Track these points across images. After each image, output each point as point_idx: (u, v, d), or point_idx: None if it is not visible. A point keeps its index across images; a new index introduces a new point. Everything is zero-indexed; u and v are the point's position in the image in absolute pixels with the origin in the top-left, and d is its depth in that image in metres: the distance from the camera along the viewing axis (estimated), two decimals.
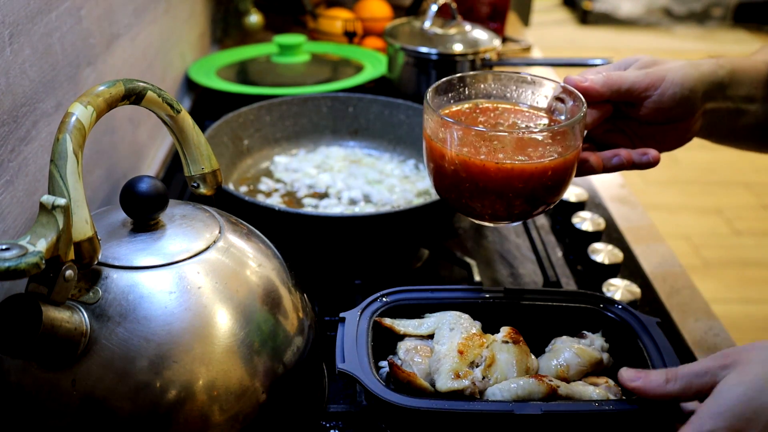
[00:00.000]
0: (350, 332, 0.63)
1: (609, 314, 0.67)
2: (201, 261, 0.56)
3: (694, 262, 2.63)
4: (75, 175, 0.50)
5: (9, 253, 0.44)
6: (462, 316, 0.66)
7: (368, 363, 0.60)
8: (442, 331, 0.64)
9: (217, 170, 0.66)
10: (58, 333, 0.48)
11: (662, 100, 0.66)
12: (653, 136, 0.70)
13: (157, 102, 0.60)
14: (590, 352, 0.63)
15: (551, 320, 0.68)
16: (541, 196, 0.64)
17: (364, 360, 0.60)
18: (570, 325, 0.68)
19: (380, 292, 0.68)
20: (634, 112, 0.68)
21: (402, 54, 1.26)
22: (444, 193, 0.68)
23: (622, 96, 0.66)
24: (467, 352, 0.62)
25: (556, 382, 0.59)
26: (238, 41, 1.66)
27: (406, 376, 0.60)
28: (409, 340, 0.65)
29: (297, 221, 0.83)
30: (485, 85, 0.71)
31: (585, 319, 0.68)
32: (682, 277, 0.95)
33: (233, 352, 0.54)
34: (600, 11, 5.21)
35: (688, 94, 0.66)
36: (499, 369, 0.61)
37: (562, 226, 1.02)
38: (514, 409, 0.56)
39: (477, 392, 0.59)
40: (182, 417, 0.52)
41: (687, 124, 0.69)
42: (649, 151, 0.67)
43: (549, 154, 0.62)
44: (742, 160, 3.34)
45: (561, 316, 0.68)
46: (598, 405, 0.57)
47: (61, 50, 0.77)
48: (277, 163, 1.11)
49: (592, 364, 0.63)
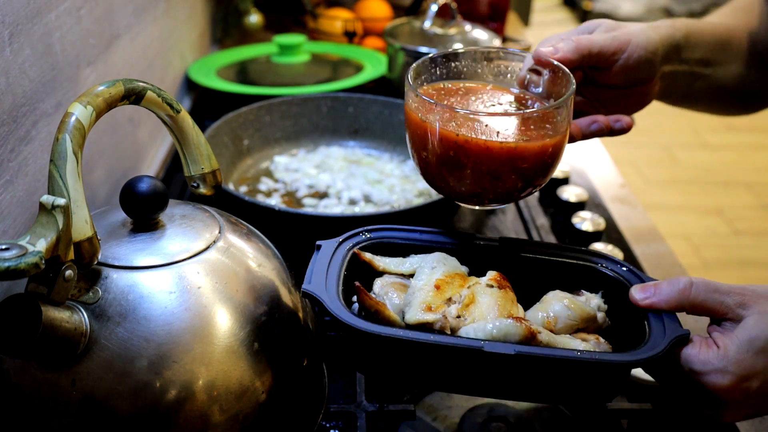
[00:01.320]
0: (323, 259, 0.58)
1: (609, 273, 0.62)
2: (201, 261, 0.56)
3: (694, 262, 2.63)
4: (75, 175, 0.50)
5: (9, 253, 0.44)
6: (448, 258, 0.61)
7: (336, 289, 0.55)
8: (423, 269, 0.59)
9: (217, 170, 0.66)
10: (57, 333, 0.48)
11: (628, 63, 0.66)
12: (614, 100, 0.70)
13: (156, 102, 0.60)
14: (583, 306, 0.59)
15: (547, 276, 0.63)
16: (536, 175, 0.61)
17: (332, 285, 0.55)
18: (567, 282, 0.62)
19: (364, 228, 0.63)
20: (601, 77, 0.68)
21: (402, 54, 1.26)
22: (430, 177, 0.64)
23: (591, 60, 0.66)
24: (444, 288, 0.57)
25: (537, 327, 0.54)
26: (238, 41, 1.66)
27: (374, 304, 0.55)
28: (387, 276, 0.60)
29: (297, 221, 0.83)
30: (464, 64, 0.68)
31: (584, 278, 0.63)
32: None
33: (233, 352, 0.54)
34: (600, 11, 5.21)
35: (651, 56, 0.67)
36: (478, 310, 0.55)
37: (562, 226, 1.02)
38: (484, 346, 0.51)
39: (448, 328, 0.54)
40: (182, 417, 0.52)
41: (647, 87, 0.70)
42: (621, 118, 0.68)
43: (544, 133, 0.59)
44: (742, 160, 3.34)
45: (558, 272, 0.63)
46: (580, 354, 0.52)
47: (61, 50, 0.77)
48: (277, 163, 1.11)
49: (584, 319, 0.58)
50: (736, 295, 0.54)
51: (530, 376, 0.55)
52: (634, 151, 3.36)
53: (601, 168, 1.22)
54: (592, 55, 0.65)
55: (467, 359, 0.53)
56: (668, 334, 0.54)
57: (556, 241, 0.99)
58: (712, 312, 0.55)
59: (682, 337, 0.54)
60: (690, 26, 0.73)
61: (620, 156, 3.17)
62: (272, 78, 1.39)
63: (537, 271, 0.64)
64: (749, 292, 0.54)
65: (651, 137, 3.50)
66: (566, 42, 0.64)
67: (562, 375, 0.55)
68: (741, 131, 3.63)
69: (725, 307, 0.54)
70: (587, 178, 1.16)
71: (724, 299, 0.54)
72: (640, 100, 0.71)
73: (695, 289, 0.55)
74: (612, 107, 0.71)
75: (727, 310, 0.54)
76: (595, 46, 0.65)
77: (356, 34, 1.56)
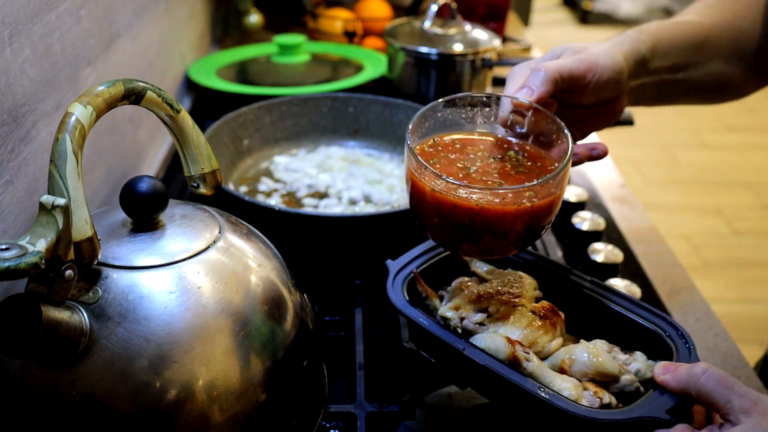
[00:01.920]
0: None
1: (669, 343, 0.62)
2: (201, 261, 0.56)
3: (694, 262, 2.63)
4: (75, 175, 0.50)
5: (9, 253, 0.44)
6: (525, 277, 0.67)
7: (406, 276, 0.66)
8: (494, 280, 0.66)
9: (217, 170, 0.66)
10: (57, 333, 0.48)
11: (598, 84, 0.67)
12: (585, 119, 0.71)
13: (156, 102, 0.60)
14: (604, 362, 0.58)
15: (616, 328, 0.65)
16: (534, 232, 0.63)
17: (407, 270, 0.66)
18: (630, 338, 0.64)
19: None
20: (571, 98, 0.69)
21: (402, 54, 1.26)
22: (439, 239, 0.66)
23: (564, 84, 0.66)
24: (486, 299, 0.63)
25: (526, 354, 0.57)
26: (238, 41, 1.66)
27: (423, 289, 0.65)
28: (470, 278, 0.67)
29: (297, 221, 0.83)
30: (449, 112, 0.68)
31: (649, 341, 0.63)
32: (682, 277, 0.95)
33: (233, 352, 0.54)
34: (600, 11, 5.22)
35: (617, 76, 0.68)
36: (504, 327, 0.60)
37: (562, 226, 1.02)
38: (465, 350, 0.59)
39: (459, 327, 0.61)
40: (182, 417, 0.52)
41: (615, 104, 0.71)
42: (597, 146, 0.69)
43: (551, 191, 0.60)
44: (742, 160, 3.34)
45: (628, 329, 0.64)
46: (539, 390, 0.55)
47: (61, 50, 0.77)
48: (277, 163, 1.11)
49: (600, 373, 0.58)
50: (745, 400, 0.52)
51: (505, 394, 0.60)
52: (634, 151, 3.36)
53: (601, 168, 1.22)
54: (564, 78, 0.65)
55: (453, 355, 0.60)
56: (647, 411, 0.54)
57: (556, 241, 0.99)
58: (717, 407, 0.53)
59: (653, 419, 0.53)
60: (659, 34, 0.73)
61: (620, 156, 3.18)
62: (272, 78, 1.39)
63: (610, 319, 0.66)
64: (762, 403, 0.52)
65: (651, 137, 3.50)
66: (536, 76, 0.64)
67: (525, 402, 0.57)
68: (741, 131, 3.63)
69: (730, 407, 0.52)
70: (587, 178, 1.16)
71: (732, 399, 0.52)
72: (609, 116, 0.72)
73: (706, 377, 0.53)
74: (583, 126, 0.72)
75: (731, 411, 0.52)
76: (565, 70, 0.65)
77: (356, 34, 1.56)
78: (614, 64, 0.67)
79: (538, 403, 0.55)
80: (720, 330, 0.85)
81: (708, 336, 0.84)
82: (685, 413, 0.55)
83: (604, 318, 0.66)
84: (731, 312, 2.36)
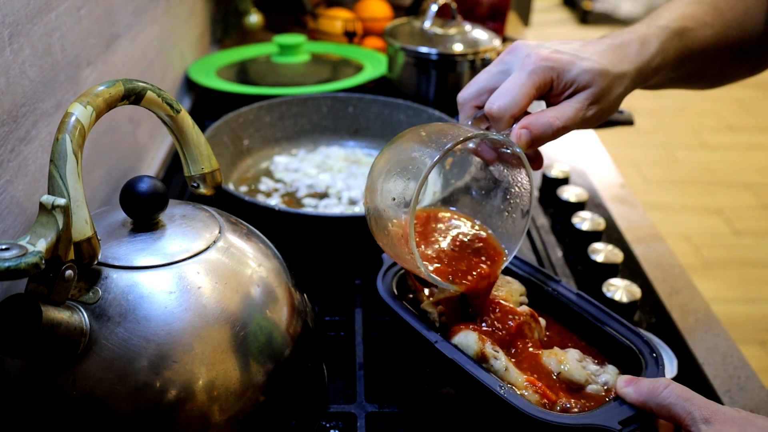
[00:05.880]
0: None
1: (645, 359, 0.63)
2: (201, 261, 0.56)
3: (694, 262, 2.63)
4: (75, 175, 0.50)
5: (9, 253, 0.44)
6: (512, 282, 0.70)
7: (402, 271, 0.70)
8: None
9: (217, 170, 0.66)
10: (57, 333, 0.48)
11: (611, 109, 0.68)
12: None
13: (156, 102, 0.60)
14: (572, 369, 0.61)
15: (596, 337, 0.67)
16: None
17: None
18: (607, 349, 0.66)
19: None
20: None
21: (402, 54, 1.26)
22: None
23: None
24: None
25: (496, 354, 0.60)
26: (238, 41, 1.66)
27: (412, 283, 0.68)
28: None
29: (297, 221, 0.83)
30: None
31: (625, 356, 0.64)
32: (682, 277, 0.95)
33: (233, 352, 0.54)
34: (600, 11, 5.21)
35: (616, 104, 0.69)
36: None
37: (562, 226, 1.02)
38: (437, 342, 0.61)
39: (437, 322, 0.64)
40: (182, 417, 0.52)
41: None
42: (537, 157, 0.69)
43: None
44: (742, 160, 3.34)
45: (606, 340, 0.66)
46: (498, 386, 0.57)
47: (61, 50, 0.77)
48: (277, 163, 1.11)
49: (566, 380, 0.60)
50: (706, 410, 0.52)
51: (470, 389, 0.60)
52: (634, 151, 3.36)
53: (601, 168, 1.22)
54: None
55: (427, 347, 0.63)
56: (599, 419, 0.55)
57: (556, 241, 0.99)
58: (679, 419, 0.53)
59: (604, 428, 0.54)
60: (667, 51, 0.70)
61: (620, 156, 3.17)
62: (272, 78, 1.39)
63: (589, 332, 0.68)
64: (720, 413, 0.52)
65: (651, 137, 3.50)
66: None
67: (487, 399, 0.59)
68: (741, 131, 3.63)
69: (692, 418, 0.52)
70: (587, 178, 1.16)
71: (692, 410, 0.52)
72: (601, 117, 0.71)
73: (667, 392, 0.54)
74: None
75: (692, 422, 0.52)
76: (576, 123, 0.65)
77: (356, 34, 1.56)
78: (621, 98, 0.67)
79: (498, 400, 0.57)
80: (720, 330, 0.85)
81: (708, 336, 0.84)
82: (642, 426, 0.55)
83: (585, 330, 0.68)
84: (731, 312, 2.36)
